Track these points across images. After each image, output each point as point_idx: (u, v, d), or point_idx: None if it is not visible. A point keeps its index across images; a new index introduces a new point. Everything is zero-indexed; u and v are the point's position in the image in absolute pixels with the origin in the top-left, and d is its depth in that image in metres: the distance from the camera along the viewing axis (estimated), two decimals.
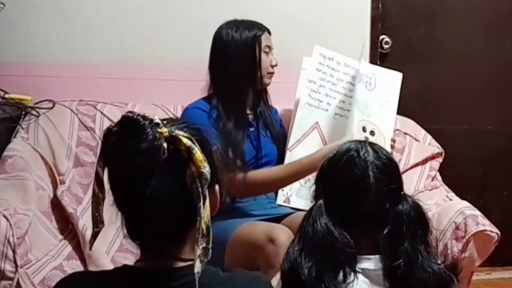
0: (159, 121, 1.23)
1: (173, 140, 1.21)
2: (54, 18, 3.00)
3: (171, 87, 3.05)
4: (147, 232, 1.27)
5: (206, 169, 1.20)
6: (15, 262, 2.16)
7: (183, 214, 1.23)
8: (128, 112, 1.24)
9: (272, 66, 2.48)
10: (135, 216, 1.27)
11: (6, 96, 2.83)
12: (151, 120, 1.21)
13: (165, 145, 1.20)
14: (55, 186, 2.62)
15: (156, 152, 1.19)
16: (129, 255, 2.40)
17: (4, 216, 2.17)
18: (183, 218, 1.24)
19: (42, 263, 2.32)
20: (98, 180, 1.26)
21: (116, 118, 2.94)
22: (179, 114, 2.90)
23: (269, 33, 2.49)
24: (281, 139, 2.59)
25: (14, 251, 2.15)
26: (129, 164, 1.19)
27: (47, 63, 2.99)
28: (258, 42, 2.41)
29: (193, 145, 1.21)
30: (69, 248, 2.47)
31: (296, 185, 2.51)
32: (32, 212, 2.33)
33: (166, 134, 1.21)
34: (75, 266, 2.36)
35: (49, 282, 2.27)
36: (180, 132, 1.23)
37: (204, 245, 1.20)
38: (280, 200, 2.53)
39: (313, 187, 1.62)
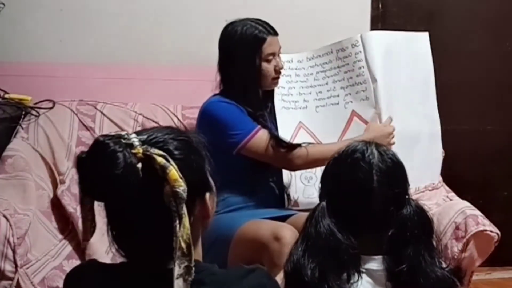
0: (135, 140, 1.20)
1: (148, 159, 1.19)
2: (54, 18, 3.00)
3: (171, 87, 3.05)
4: (134, 243, 1.26)
5: (181, 188, 1.17)
6: (15, 262, 2.16)
7: (169, 228, 1.19)
8: (102, 135, 1.22)
9: (277, 71, 2.44)
10: (121, 230, 1.26)
11: (6, 96, 2.83)
12: (124, 142, 1.19)
13: (139, 166, 1.18)
14: (55, 186, 2.63)
15: (129, 176, 1.17)
16: None
17: (4, 216, 2.17)
18: (169, 229, 1.19)
19: (42, 263, 2.32)
20: (80, 200, 1.25)
21: (116, 117, 3.00)
22: (179, 114, 2.90)
23: (276, 33, 2.44)
24: None
25: (14, 251, 2.15)
26: (103, 191, 1.19)
27: (47, 63, 2.99)
28: (259, 52, 2.37)
29: (167, 164, 1.18)
30: (69, 248, 2.47)
31: (300, 186, 2.51)
32: (32, 212, 2.34)
33: (140, 154, 1.19)
34: (75, 266, 2.36)
35: (49, 282, 2.28)
36: (156, 150, 1.20)
37: (186, 263, 1.17)
38: (288, 205, 2.52)
39: (319, 185, 1.61)
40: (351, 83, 2.53)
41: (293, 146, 2.35)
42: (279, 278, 1.54)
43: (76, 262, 2.40)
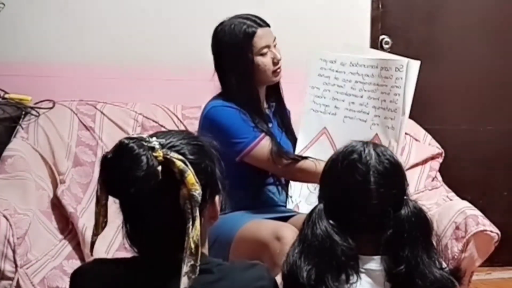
0: (156, 144, 1.27)
1: (167, 162, 1.26)
2: (54, 18, 3.00)
3: (171, 87, 3.05)
4: (147, 239, 1.33)
5: (197, 191, 1.25)
6: (15, 262, 2.16)
7: (182, 225, 1.26)
8: (125, 138, 1.28)
9: (275, 63, 2.37)
10: (135, 226, 1.33)
11: (6, 96, 2.84)
12: (146, 146, 1.25)
13: (159, 168, 1.25)
14: (55, 186, 2.63)
15: (150, 178, 1.24)
16: (129, 254, 2.39)
17: (4, 216, 2.17)
18: (182, 228, 1.26)
19: (42, 263, 2.31)
20: (97, 197, 1.31)
21: (116, 117, 3.01)
22: (179, 114, 2.90)
23: (267, 25, 2.37)
24: (293, 134, 2.56)
25: (14, 251, 2.15)
26: (125, 191, 1.26)
27: (47, 63, 3.00)
28: (250, 48, 2.31)
29: (186, 168, 1.25)
30: (69, 248, 2.47)
31: (305, 191, 2.49)
32: (32, 212, 2.33)
33: (161, 158, 1.25)
34: (75, 266, 2.35)
35: (49, 282, 2.27)
36: (175, 155, 1.27)
37: (192, 262, 1.25)
38: (290, 207, 2.50)
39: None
40: (383, 106, 2.41)
41: (296, 158, 2.32)
42: (280, 277, 1.54)
43: (76, 262, 2.40)
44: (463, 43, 3.39)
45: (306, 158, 2.33)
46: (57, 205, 2.56)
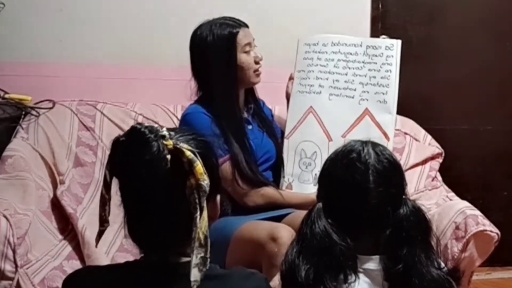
0: (166, 133, 1.28)
1: (176, 152, 1.27)
2: (54, 18, 3.00)
3: (171, 87, 3.04)
4: (149, 233, 1.32)
5: (205, 182, 1.25)
6: (15, 262, 2.15)
7: (185, 220, 1.26)
8: (137, 123, 1.31)
9: (257, 62, 2.41)
10: (139, 219, 1.33)
11: (6, 96, 2.84)
12: (157, 133, 1.27)
13: (168, 157, 1.26)
14: (55, 186, 2.62)
15: (159, 164, 1.25)
16: (129, 255, 2.39)
17: (4, 216, 2.17)
18: (186, 223, 1.27)
19: (42, 263, 2.31)
20: (105, 183, 1.32)
21: (116, 118, 3.00)
22: (179, 114, 2.89)
23: (246, 26, 2.41)
24: (275, 133, 2.58)
25: (14, 251, 2.15)
26: (133, 174, 1.27)
27: (47, 63, 3.00)
28: (234, 45, 2.35)
29: (195, 158, 1.26)
30: (69, 248, 2.47)
31: (297, 170, 2.51)
32: (32, 212, 2.33)
33: (171, 146, 1.27)
34: (75, 266, 2.36)
35: (49, 282, 2.27)
36: (185, 145, 1.28)
37: (202, 254, 1.25)
38: (283, 187, 2.53)
39: (316, 172, 1.62)
40: (373, 83, 2.51)
41: (257, 184, 2.37)
42: (277, 278, 1.54)
43: (76, 262, 2.40)
44: (463, 43, 3.39)
45: (268, 184, 2.40)
46: (57, 205, 2.56)
